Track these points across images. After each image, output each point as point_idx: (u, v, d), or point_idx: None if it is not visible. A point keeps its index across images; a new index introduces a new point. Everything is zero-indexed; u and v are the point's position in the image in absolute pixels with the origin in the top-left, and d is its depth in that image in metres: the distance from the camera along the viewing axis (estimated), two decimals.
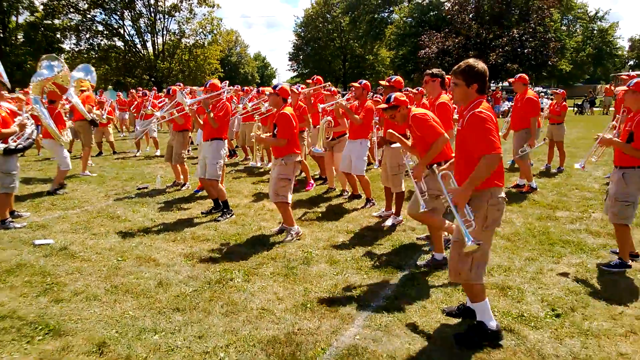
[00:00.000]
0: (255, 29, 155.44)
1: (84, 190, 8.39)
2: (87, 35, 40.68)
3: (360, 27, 51.18)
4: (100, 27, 40.96)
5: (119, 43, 41.98)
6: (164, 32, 41.48)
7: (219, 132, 6.51)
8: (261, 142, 5.57)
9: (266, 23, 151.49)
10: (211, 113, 6.34)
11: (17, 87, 20.47)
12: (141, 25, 41.02)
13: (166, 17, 40.88)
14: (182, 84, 9.97)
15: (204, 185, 6.86)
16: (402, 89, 6.45)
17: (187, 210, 7.01)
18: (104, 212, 6.86)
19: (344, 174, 7.36)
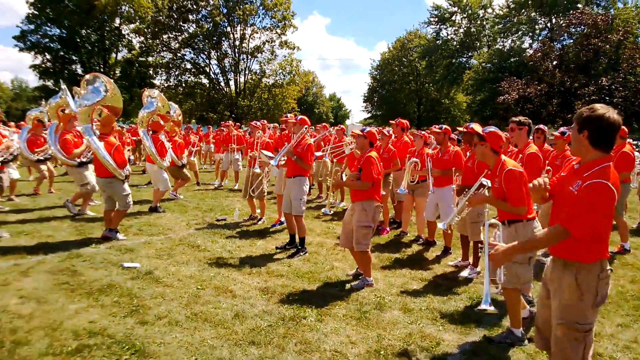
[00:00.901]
0: (331, 70, 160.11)
1: (168, 218, 8.88)
2: (176, 72, 43.99)
3: (437, 72, 51.13)
4: (188, 65, 44.20)
5: (205, 80, 44.94)
6: (246, 72, 43.81)
7: (303, 169, 6.68)
8: (343, 186, 5.58)
9: (342, 65, 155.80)
10: (299, 160, 6.52)
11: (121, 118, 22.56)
12: (226, 64, 43.69)
13: (249, 57, 43.27)
14: (265, 120, 10.44)
15: (287, 220, 7.01)
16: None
17: (262, 244, 7.19)
18: (185, 240, 7.21)
19: (425, 220, 7.28)
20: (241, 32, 42.24)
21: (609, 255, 2.78)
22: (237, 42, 42.57)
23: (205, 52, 43.61)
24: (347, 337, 4.08)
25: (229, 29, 41.97)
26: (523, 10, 43.54)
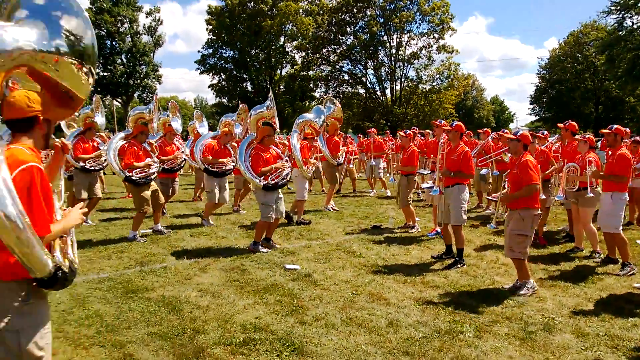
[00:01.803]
0: (493, 72, 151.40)
1: (326, 224, 9.28)
2: (334, 84, 46.19)
3: (620, 67, 44.82)
4: (346, 77, 46.08)
5: (361, 90, 46.29)
6: (402, 79, 43.82)
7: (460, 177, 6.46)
8: (509, 200, 5.31)
9: (505, 66, 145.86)
10: (457, 174, 6.35)
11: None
12: (382, 73, 44.36)
13: (405, 64, 43.22)
14: (417, 128, 10.37)
15: (443, 230, 6.81)
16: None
17: (417, 253, 7.07)
18: (341, 246, 7.44)
19: (595, 233, 6.47)
20: (397, 39, 42.51)
21: None
22: (394, 50, 42.92)
23: (362, 63, 44.88)
24: (510, 358, 3.77)
25: (385, 37, 42.58)
26: None
